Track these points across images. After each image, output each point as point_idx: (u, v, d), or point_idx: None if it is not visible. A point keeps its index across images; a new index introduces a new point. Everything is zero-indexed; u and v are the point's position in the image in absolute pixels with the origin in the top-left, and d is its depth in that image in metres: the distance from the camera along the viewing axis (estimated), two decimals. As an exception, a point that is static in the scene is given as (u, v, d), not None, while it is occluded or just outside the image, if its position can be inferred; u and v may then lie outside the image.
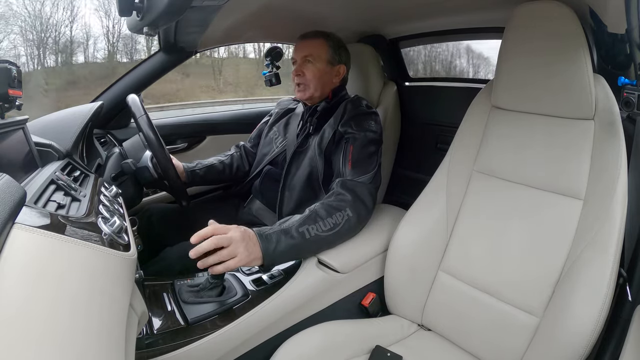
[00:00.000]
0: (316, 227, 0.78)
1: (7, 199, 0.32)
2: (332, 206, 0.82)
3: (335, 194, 0.85)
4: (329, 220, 0.79)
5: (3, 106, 0.63)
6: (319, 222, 0.79)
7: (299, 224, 0.77)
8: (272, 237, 0.74)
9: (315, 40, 1.04)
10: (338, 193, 0.85)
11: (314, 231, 0.77)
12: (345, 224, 0.81)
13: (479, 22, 1.20)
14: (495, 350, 0.74)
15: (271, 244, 0.73)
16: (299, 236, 0.76)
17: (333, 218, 0.80)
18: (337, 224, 0.80)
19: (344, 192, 0.85)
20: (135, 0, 0.49)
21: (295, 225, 0.77)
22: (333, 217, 0.80)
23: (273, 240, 0.73)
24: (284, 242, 0.74)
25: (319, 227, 0.78)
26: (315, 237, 0.77)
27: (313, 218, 0.79)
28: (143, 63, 1.25)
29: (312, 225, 0.78)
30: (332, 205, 0.82)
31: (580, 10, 0.72)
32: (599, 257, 0.63)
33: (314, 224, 0.78)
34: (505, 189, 0.79)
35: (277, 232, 0.75)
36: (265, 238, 0.73)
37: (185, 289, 0.75)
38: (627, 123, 0.72)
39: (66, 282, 0.33)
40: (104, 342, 0.34)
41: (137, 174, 0.97)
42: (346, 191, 0.85)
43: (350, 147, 0.92)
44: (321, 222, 0.79)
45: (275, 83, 1.43)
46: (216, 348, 0.67)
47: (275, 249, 0.73)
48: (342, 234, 0.82)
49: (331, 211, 0.81)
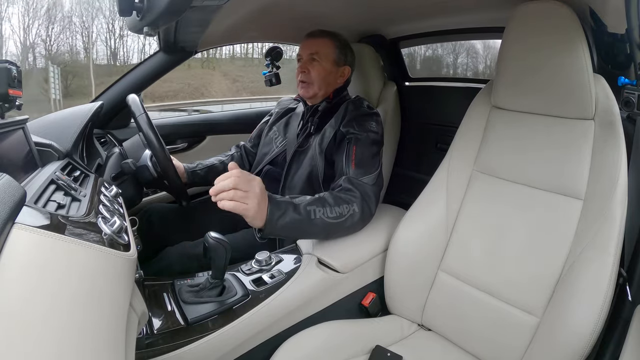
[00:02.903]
0: (323, 210, 0.78)
1: (7, 199, 0.32)
2: (341, 198, 0.82)
3: (344, 189, 0.85)
4: (336, 208, 0.79)
5: (3, 106, 0.63)
6: (327, 208, 0.78)
7: (308, 203, 0.77)
8: (282, 205, 0.73)
9: (323, 39, 1.04)
10: (347, 188, 0.85)
11: (319, 214, 0.77)
12: (349, 217, 0.81)
13: (479, 22, 1.20)
14: (495, 350, 0.74)
15: (279, 210, 0.72)
16: (305, 214, 0.75)
17: (340, 208, 0.80)
18: (342, 214, 0.80)
19: (352, 188, 0.85)
20: (135, 0, 0.49)
21: (304, 202, 0.77)
22: (340, 208, 0.80)
23: (281, 208, 0.73)
24: (290, 214, 0.74)
25: (325, 212, 0.78)
26: (320, 220, 0.77)
27: (322, 202, 0.79)
28: (143, 63, 1.26)
29: (320, 208, 0.78)
30: (340, 197, 0.82)
31: (580, 10, 0.72)
32: (599, 257, 0.63)
33: (322, 207, 0.78)
34: (505, 189, 0.79)
35: (287, 202, 0.75)
36: (275, 204, 0.73)
37: (185, 289, 0.75)
38: (627, 123, 0.71)
39: (66, 282, 0.33)
40: (104, 341, 0.34)
41: (137, 173, 0.97)
42: (354, 188, 0.85)
43: (353, 148, 0.91)
44: (329, 208, 0.78)
45: (275, 83, 1.43)
46: (216, 348, 0.67)
47: (280, 218, 0.72)
48: (344, 227, 0.82)
49: (339, 202, 0.81)
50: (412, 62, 1.83)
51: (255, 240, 1.02)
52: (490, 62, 1.74)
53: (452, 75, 5.88)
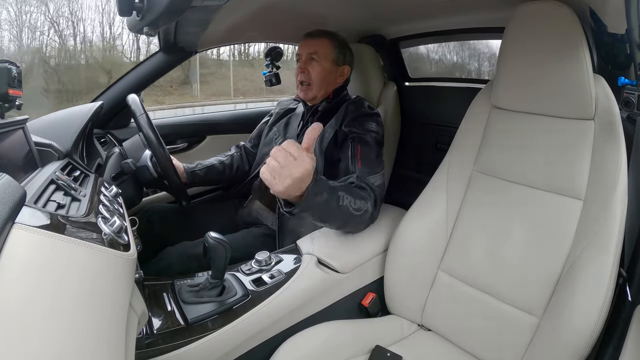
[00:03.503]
0: (350, 199, 0.76)
1: (7, 199, 0.32)
2: (359, 194, 0.80)
3: (358, 186, 0.83)
4: (357, 201, 0.77)
5: (3, 106, 0.63)
6: (351, 197, 0.76)
7: (340, 188, 0.75)
8: (320, 185, 0.69)
9: (322, 39, 1.04)
10: (361, 187, 0.83)
11: (346, 201, 0.75)
12: (363, 214, 0.79)
13: (479, 22, 1.20)
14: (495, 350, 0.74)
15: (316, 188, 0.68)
16: (335, 198, 0.73)
17: (360, 202, 0.78)
18: (359, 209, 0.78)
19: (366, 187, 0.83)
20: (135, 0, 0.49)
21: (337, 186, 0.75)
22: (360, 202, 0.78)
23: (319, 187, 0.68)
24: (325, 195, 0.70)
25: (351, 201, 0.76)
26: (345, 208, 0.75)
27: (350, 191, 0.77)
28: (143, 63, 1.26)
29: (348, 195, 0.75)
30: (358, 192, 0.80)
31: (580, 10, 0.72)
32: (599, 257, 0.63)
33: (349, 195, 0.76)
34: (505, 189, 0.79)
35: (325, 182, 0.71)
36: (315, 183, 0.68)
37: (185, 289, 0.75)
38: (627, 123, 0.71)
39: (66, 282, 0.33)
40: (104, 341, 0.34)
41: (137, 173, 0.97)
42: (368, 187, 0.83)
43: (358, 146, 0.91)
44: (352, 198, 0.76)
45: (275, 83, 1.43)
46: (216, 348, 0.67)
47: (316, 195, 0.68)
48: (359, 221, 0.81)
49: (357, 196, 0.78)
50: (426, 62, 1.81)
51: (255, 240, 1.03)
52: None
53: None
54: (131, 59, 10.59)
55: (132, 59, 10.64)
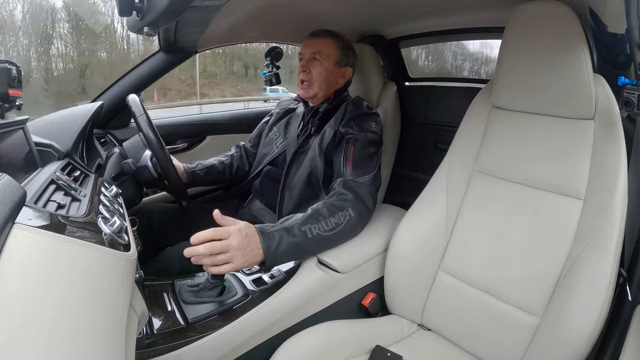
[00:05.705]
0: (318, 226, 0.78)
1: (7, 199, 0.32)
2: (335, 205, 0.82)
3: (337, 194, 0.85)
4: (331, 219, 0.79)
5: (3, 106, 0.63)
6: (321, 222, 0.78)
7: (302, 223, 0.77)
8: (275, 236, 0.73)
9: (326, 39, 1.04)
10: (340, 193, 0.85)
11: (316, 230, 0.77)
12: (346, 223, 0.81)
13: (479, 22, 1.20)
14: (495, 350, 0.74)
15: (273, 242, 0.72)
16: (301, 235, 0.75)
17: (335, 217, 0.80)
18: (339, 223, 0.80)
19: (345, 191, 0.85)
20: (135, 0, 0.49)
21: (297, 223, 0.77)
22: (335, 217, 0.80)
23: (275, 239, 0.73)
24: (286, 240, 0.73)
25: (321, 226, 0.78)
26: (317, 236, 0.77)
27: (315, 217, 0.79)
28: (143, 63, 1.25)
29: (315, 224, 0.77)
30: (334, 204, 0.82)
31: (580, 10, 0.72)
32: (599, 257, 0.63)
33: (317, 223, 0.78)
34: (505, 189, 0.79)
35: (280, 230, 0.74)
36: (268, 236, 0.72)
37: (185, 289, 0.75)
38: (627, 123, 0.71)
39: (66, 282, 0.33)
40: (104, 342, 0.34)
41: (137, 173, 0.97)
42: (348, 191, 0.85)
43: (351, 148, 0.92)
44: (323, 221, 0.78)
45: (275, 83, 1.43)
46: (216, 348, 0.67)
47: (277, 247, 0.72)
48: (344, 234, 0.82)
49: (333, 210, 0.81)
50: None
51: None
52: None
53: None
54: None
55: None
